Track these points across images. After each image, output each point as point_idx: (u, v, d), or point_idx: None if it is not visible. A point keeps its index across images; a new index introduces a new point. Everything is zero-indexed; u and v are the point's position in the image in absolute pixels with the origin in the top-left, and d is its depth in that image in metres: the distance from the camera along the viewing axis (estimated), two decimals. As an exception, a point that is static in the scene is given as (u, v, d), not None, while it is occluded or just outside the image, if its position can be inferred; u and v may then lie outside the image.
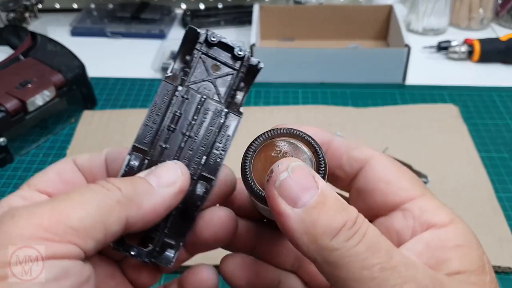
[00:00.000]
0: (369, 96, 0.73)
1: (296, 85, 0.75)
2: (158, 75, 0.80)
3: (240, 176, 0.27)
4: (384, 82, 0.75)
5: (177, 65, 0.28)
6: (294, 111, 0.68)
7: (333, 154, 0.28)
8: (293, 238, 0.23)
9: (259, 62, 0.29)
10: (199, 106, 0.28)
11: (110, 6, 0.97)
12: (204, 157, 0.27)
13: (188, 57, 0.29)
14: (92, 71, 0.71)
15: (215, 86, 0.28)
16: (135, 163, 0.27)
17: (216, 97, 0.28)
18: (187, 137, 0.28)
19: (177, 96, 0.28)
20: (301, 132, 0.26)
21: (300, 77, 0.76)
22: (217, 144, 0.28)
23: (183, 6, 1.00)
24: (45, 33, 0.83)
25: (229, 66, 0.29)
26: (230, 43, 0.28)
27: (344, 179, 0.29)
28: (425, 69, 0.80)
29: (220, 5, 0.98)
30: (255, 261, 0.32)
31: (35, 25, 0.87)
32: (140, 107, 0.72)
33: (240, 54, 0.28)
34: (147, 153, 0.28)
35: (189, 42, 0.29)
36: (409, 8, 0.90)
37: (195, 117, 0.28)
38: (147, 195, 0.25)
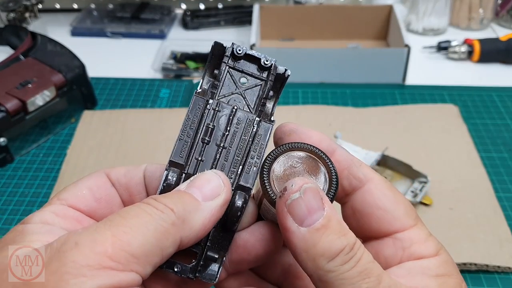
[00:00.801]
0: (369, 96, 0.73)
1: (296, 85, 0.75)
2: (158, 75, 0.80)
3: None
4: (384, 82, 0.75)
5: (206, 81, 0.29)
6: (294, 111, 0.68)
7: (339, 165, 0.28)
8: (294, 252, 0.24)
9: (286, 70, 0.29)
10: (231, 117, 0.28)
11: (110, 6, 0.97)
12: (240, 167, 0.27)
13: (216, 71, 0.29)
14: (92, 71, 0.71)
15: (244, 98, 0.29)
16: (173, 178, 0.27)
17: (246, 108, 0.29)
18: (221, 148, 0.28)
19: (208, 109, 0.28)
20: (322, 153, 0.27)
21: (300, 77, 0.76)
22: (252, 153, 0.28)
23: (183, 6, 1.00)
24: (45, 33, 0.83)
25: (256, 77, 0.29)
26: (256, 55, 0.29)
27: (339, 192, 0.29)
28: (425, 69, 0.80)
29: (220, 5, 0.98)
30: (247, 272, 0.32)
31: (35, 25, 0.87)
32: (140, 107, 0.72)
33: (266, 64, 0.29)
34: (184, 167, 0.27)
35: (216, 57, 0.29)
36: (409, 8, 0.90)
37: (228, 128, 0.28)
38: (196, 212, 0.25)
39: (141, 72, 0.81)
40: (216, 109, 0.28)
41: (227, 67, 0.29)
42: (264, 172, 0.27)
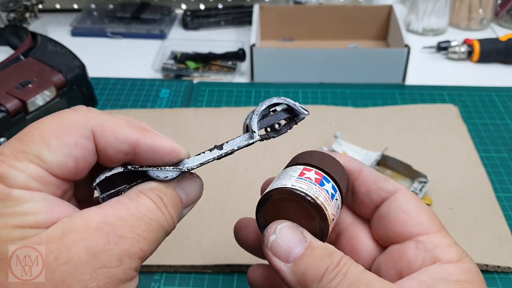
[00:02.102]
0: (369, 96, 0.73)
1: (296, 85, 0.75)
2: (158, 75, 0.80)
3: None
4: (384, 82, 0.75)
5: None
6: (294, 111, 0.68)
7: (363, 182, 0.31)
8: (290, 286, 0.27)
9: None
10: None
11: (110, 6, 0.97)
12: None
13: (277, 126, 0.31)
14: (93, 71, 0.71)
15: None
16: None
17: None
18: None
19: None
20: (311, 199, 0.28)
21: (300, 77, 0.76)
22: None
23: (183, 6, 1.00)
24: (45, 33, 0.83)
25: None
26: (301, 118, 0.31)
27: (369, 206, 0.31)
28: (424, 69, 0.80)
29: (220, 6, 0.98)
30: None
31: (35, 25, 0.87)
32: (140, 107, 0.72)
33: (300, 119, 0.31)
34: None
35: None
36: (409, 8, 0.91)
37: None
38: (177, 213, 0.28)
39: (141, 72, 0.81)
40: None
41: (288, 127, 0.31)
42: (258, 215, 0.30)
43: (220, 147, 0.30)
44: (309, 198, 0.27)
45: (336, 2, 0.97)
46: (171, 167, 0.28)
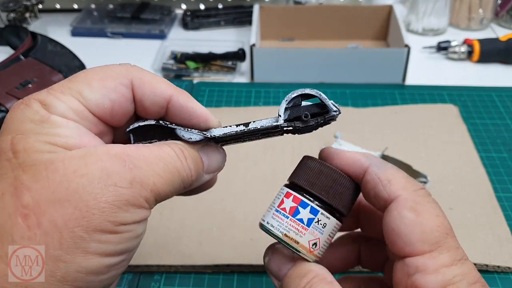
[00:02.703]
0: (369, 96, 0.73)
1: (296, 85, 0.75)
2: (158, 75, 0.80)
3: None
4: (384, 82, 0.75)
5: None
6: (294, 111, 0.68)
7: (366, 186, 0.30)
8: None
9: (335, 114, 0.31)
10: None
11: (110, 6, 0.97)
12: None
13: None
14: (93, 71, 0.71)
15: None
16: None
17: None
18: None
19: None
20: (276, 238, 0.31)
21: (300, 77, 0.76)
22: None
23: (183, 6, 1.00)
24: (45, 33, 0.83)
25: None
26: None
27: (378, 209, 0.30)
28: (424, 69, 0.80)
29: (220, 6, 0.98)
30: None
31: (35, 26, 0.87)
32: (140, 107, 0.72)
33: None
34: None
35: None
36: (409, 9, 0.91)
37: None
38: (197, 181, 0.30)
39: (141, 72, 0.81)
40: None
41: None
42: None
43: (246, 124, 0.31)
44: (275, 237, 0.31)
45: (336, 2, 0.97)
46: (197, 131, 0.31)
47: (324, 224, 0.30)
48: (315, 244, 0.30)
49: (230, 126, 0.31)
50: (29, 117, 0.26)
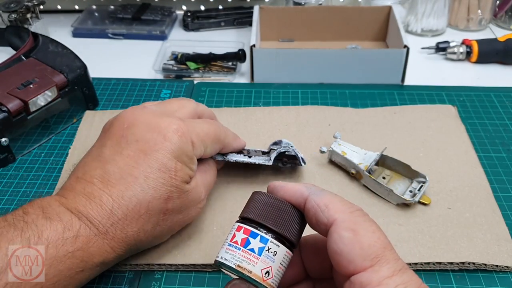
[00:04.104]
0: (368, 96, 0.73)
1: (296, 86, 0.76)
2: (159, 76, 0.80)
3: None
4: (383, 82, 0.76)
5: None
6: (294, 112, 0.68)
7: (309, 213, 0.32)
8: None
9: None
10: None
11: (111, 7, 0.97)
12: None
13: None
14: (94, 72, 0.72)
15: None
16: None
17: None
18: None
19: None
20: (231, 273, 0.33)
21: (299, 78, 0.76)
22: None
23: (184, 7, 1.01)
24: (46, 34, 0.84)
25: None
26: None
27: (322, 234, 0.32)
28: (423, 69, 0.81)
29: (220, 7, 0.98)
30: None
31: (36, 26, 0.87)
32: (141, 107, 0.72)
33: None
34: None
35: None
36: (408, 9, 0.91)
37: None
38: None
39: (142, 73, 0.81)
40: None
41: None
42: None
43: (249, 156, 0.54)
44: (230, 270, 0.32)
45: (336, 3, 0.98)
46: (221, 156, 0.52)
47: (275, 252, 0.32)
48: (267, 272, 0.31)
49: (239, 154, 0.53)
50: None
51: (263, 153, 0.55)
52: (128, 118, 0.45)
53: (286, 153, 0.54)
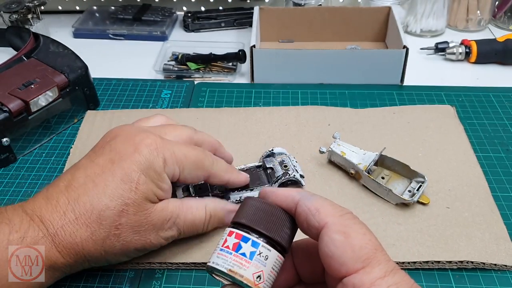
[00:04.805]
0: (368, 96, 0.73)
1: (296, 86, 0.76)
2: (159, 76, 0.81)
3: None
4: (383, 83, 0.76)
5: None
6: (294, 111, 0.68)
7: (300, 218, 0.32)
8: None
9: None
10: None
11: (112, 8, 0.98)
12: None
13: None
14: (95, 72, 0.72)
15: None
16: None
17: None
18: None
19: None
20: (223, 278, 0.33)
21: (299, 78, 0.76)
22: None
23: (184, 8, 1.01)
24: (47, 34, 0.84)
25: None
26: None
27: (313, 238, 0.32)
28: (423, 70, 0.81)
29: (220, 7, 0.99)
30: None
31: (37, 27, 0.88)
32: (141, 108, 0.73)
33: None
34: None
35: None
36: (407, 10, 0.91)
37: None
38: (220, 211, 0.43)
39: (143, 73, 0.81)
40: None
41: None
42: None
43: (252, 189, 0.52)
44: (221, 275, 0.33)
45: (335, 4, 0.98)
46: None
47: (266, 257, 0.32)
48: (259, 276, 0.31)
49: (245, 190, 0.52)
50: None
51: (258, 166, 0.56)
52: (113, 132, 0.46)
53: (289, 182, 0.54)
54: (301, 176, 0.54)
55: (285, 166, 0.55)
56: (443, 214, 0.52)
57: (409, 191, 0.55)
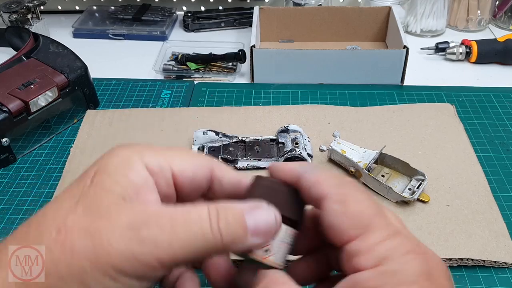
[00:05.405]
0: (368, 97, 0.73)
1: (296, 86, 0.76)
2: (159, 76, 0.81)
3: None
4: (383, 83, 0.76)
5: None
6: (294, 110, 0.68)
7: (303, 190, 0.32)
8: None
9: None
10: None
11: (112, 8, 0.98)
12: None
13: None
14: (94, 72, 0.72)
15: None
16: None
17: None
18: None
19: None
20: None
21: (299, 78, 0.76)
22: None
23: (184, 8, 1.01)
24: (47, 34, 0.84)
25: None
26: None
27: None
28: (423, 70, 0.81)
29: (220, 7, 0.99)
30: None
31: (37, 27, 0.88)
32: (141, 107, 0.73)
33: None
34: None
35: None
36: (407, 10, 0.91)
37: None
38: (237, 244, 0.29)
39: (143, 73, 0.81)
40: None
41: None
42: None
43: (260, 159, 0.55)
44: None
45: (335, 4, 0.98)
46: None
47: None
48: (266, 250, 0.31)
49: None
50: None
51: (272, 140, 0.60)
52: None
53: (296, 159, 0.57)
54: (309, 155, 0.57)
55: (296, 143, 0.58)
56: (443, 211, 0.52)
57: (409, 189, 0.54)
